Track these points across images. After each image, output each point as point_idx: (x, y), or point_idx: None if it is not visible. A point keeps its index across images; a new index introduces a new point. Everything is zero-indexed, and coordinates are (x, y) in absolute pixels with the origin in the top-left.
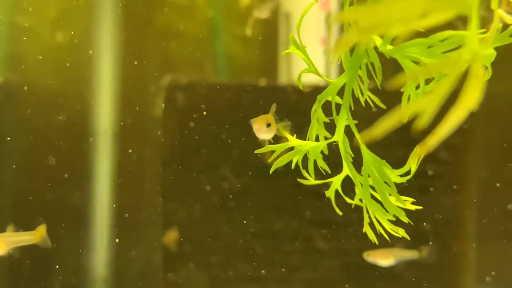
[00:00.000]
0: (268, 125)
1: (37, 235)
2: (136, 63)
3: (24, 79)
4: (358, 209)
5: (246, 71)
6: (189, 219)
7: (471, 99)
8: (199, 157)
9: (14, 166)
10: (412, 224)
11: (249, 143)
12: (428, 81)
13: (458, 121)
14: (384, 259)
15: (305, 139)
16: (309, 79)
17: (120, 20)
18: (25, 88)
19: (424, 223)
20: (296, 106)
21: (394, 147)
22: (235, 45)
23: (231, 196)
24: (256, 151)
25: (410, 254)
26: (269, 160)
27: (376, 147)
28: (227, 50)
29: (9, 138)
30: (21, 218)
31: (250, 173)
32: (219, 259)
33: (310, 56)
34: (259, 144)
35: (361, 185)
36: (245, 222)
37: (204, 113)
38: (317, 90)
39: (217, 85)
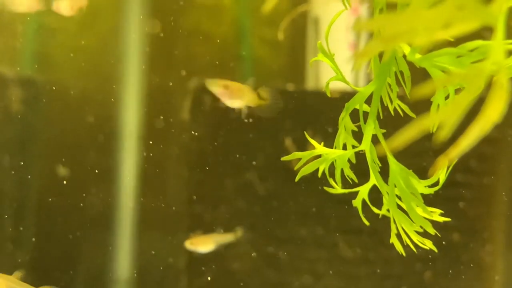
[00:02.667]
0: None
1: None
2: (162, 65)
3: (52, 78)
4: (384, 218)
5: (273, 74)
6: (214, 223)
7: (494, 110)
8: (225, 161)
9: (39, 165)
10: (440, 236)
11: (275, 148)
12: (458, 91)
13: (482, 133)
14: (204, 245)
15: (326, 143)
16: (338, 85)
17: (148, 22)
18: (53, 87)
19: (452, 233)
20: (324, 112)
21: (422, 155)
22: (262, 48)
23: (256, 201)
24: (283, 158)
25: (228, 237)
26: (295, 168)
27: (404, 155)
28: (253, 53)
29: (36, 137)
30: (44, 217)
31: (275, 178)
32: (243, 264)
33: (339, 61)
34: (286, 149)
35: (388, 195)
36: (270, 227)
37: (231, 116)
38: (345, 96)
39: None
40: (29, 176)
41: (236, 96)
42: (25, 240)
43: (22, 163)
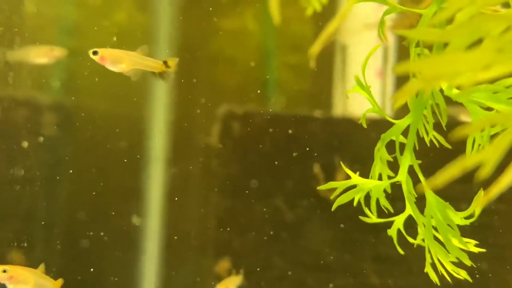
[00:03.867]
0: None
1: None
2: (188, 90)
3: (79, 103)
4: (412, 246)
5: (298, 101)
6: (242, 249)
7: None
8: (253, 187)
9: (68, 188)
10: (475, 266)
11: (303, 174)
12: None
13: None
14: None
15: (360, 172)
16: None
17: (174, 46)
18: (82, 112)
19: (481, 262)
20: (351, 139)
21: (454, 182)
22: (287, 73)
23: (284, 227)
24: (319, 188)
25: None
26: (332, 197)
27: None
28: (279, 78)
29: (65, 160)
30: (72, 239)
31: (304, 204)
32: None
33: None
34: (314, 175)
35: (424, 226)
36: (297, 253)
37: (259, 143)
38: (374, 124)
39: (273, 115)
40: (57, 197)
41: (112, 62)
42: (51, 261)
43: (52, 186)
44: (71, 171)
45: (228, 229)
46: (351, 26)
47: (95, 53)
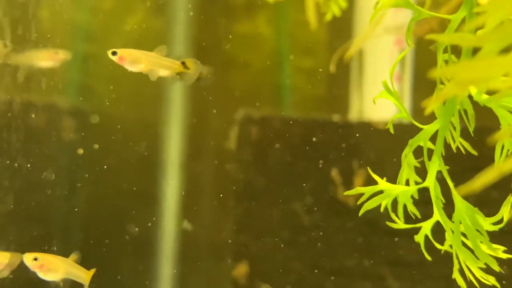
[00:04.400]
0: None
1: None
2: (203, 93)
3: (96, 107)
4: (433, 250)
5: (314, 105)
6: (260, 253)
7: None
8: (271, 191)
9: (83, 193)
10: (503, 272)
11: (322, 178)
12: None
13: None
14: None
15: (379, 177)
16: (383, 116)
17: (188, 50)
18: (98, 117)
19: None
20: (369, 143)
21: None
22: (304, 78)
23: (302, 232)
24: (345, 193)
25: None
26: (358, 203)
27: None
28: (294, 82)
29: (80, 164)
30: (89, 243)
31: (322, 209)
32: None
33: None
34: (332, 179)
35: (452, 231)
36: (315, 258)
37: (278, 147)
38: (393, 128)
39: (291, 119)
40: (73, 204)
41: (130, 62)
42: None
43: (68, 190)
44: (86, 175)
45: (245, 233)
46: (366, 31)
47: (114, 53)
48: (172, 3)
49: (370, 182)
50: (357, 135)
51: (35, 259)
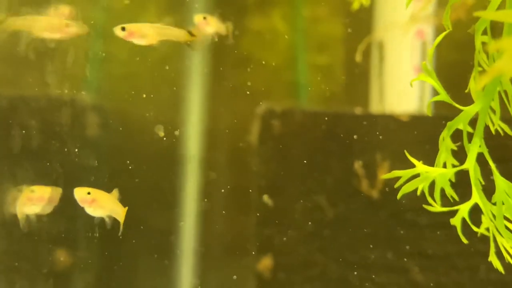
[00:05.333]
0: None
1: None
2: (222, 90)
3: (114, 105)
4: (457, 241)
5: (331, 99)
6: (284, 247)
7: None
8: (294, 184)
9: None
10: None
11: (345, 171)
12: None
13: None
14: None
15: (396, 166)
16: (407, 108)
17: (207, 50)
18: (119, 113)
19: None
20: (393, 136)
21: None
22: (323, 71)
23: (325, 225)
24: (383, 176)
25: None
26: (396, 186)
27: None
28: (312, 76)
29: (99, 161)
30: (109, 238)
31: (345, 202)
32: (313, 287)
33: (404, 84)
34: (355, 172)
35: (492, 214)
36: (339, 251)
37: (300, 140)
38: (415, 119)
39: (313, 113)
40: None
41: (138, 36)
42: (86, 266)
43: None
44: (106, 172)
45: (269, 227)
46: (388, 22)
47: (123, 29)
48: (186, 1)
49: None
50: (380, 127)
51: (89, 193)
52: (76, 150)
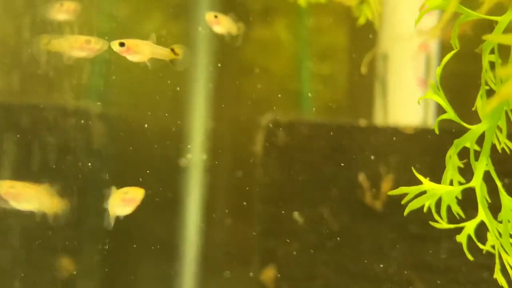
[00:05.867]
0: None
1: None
2: (224, 100)
3: (118, 112)
4: (461, 254)
5: (338, 110)
6: (287, 258)
7: None
8: (298, 195)
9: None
10: None
11: (349, 183)
12: None
13: None
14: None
15: (407, 180)
16: (409, 121)
17: (207, 55)
18: (123, 121)
19: None
20: (397, 148)
21: None
22: (327, 83)
23: (329, 236)
24: (389, 192)
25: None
26: (402, 202)
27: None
28: (317, 87)
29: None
30: (114, 246)
31: (349, 213)
32: None
33: (409, 97)
34: (360, 184)
35: (498, 231)
36: (342, 263)
37: (304, 151)
38: (419, 132)
39: (317, 124)
40: (98, 206)
41: (134, 52)
42: (91, 272)
43: (91, 195)
44: (109, 179)
45: (273, 237)
46: (393, 35)
47: (122, 44)
48: (191, 9)
49: (398, 186)
50: (384, 139)
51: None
52: (82, 158)
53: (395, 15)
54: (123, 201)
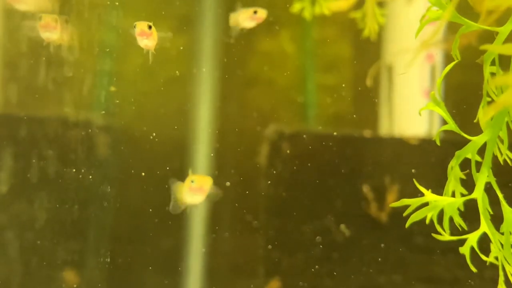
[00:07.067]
0: (149, 27)
1: None
2: (229, 112)
3: (122, 125)
4: (465, 266)
5: (343, 121)
6: (292, 269)
7: None
8: (303, 207)
9: (111, 209)
10: None
11: (353, 194)
12: None
13: None
14: None
15: (411, 191)
16: (414, 132)
17: (212, 67)
18: (127, 133)
19: None
20: (402, 159)
21: None
22: (332, 94)
23: (333, 248)
24: (391, 205)
25: None
26: (405, 214)
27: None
28: (322, 99)
29: (108, 181)
30: (117, 258)
31: (354, 225)
32: None
33: (414, 108)
34: (364, 195)
35: (500, 243)
36: (347, 274)
37: (309, 163)
38: (424, 143)
39: (322, 135)
40: (101, 219)
41: (153, 39)
42: (94, 285)
43: (96, 207)
44: (114, 191)
45: (278, 249)
46: (398, 46)
47: (150, 27)
48: (196, 21)
49: (403, 198)
50: (389, 150)
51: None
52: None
53: (399, 26)
54: (191, 190)
